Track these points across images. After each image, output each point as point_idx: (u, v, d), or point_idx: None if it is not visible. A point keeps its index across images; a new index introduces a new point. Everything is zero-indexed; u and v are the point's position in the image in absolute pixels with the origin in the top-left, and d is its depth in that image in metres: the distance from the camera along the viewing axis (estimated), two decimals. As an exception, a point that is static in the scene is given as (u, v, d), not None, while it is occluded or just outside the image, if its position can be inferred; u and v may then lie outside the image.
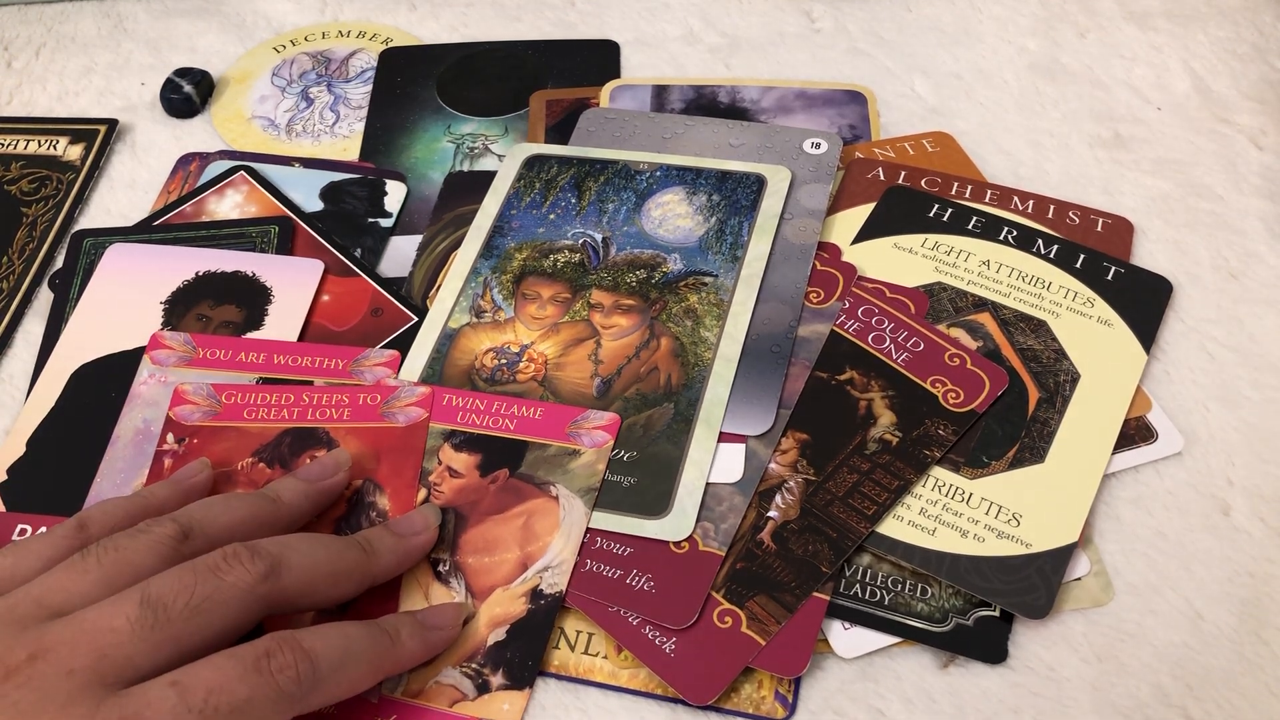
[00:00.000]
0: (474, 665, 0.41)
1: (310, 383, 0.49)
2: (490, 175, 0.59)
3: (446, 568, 0.43)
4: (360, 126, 0.63)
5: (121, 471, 0.46)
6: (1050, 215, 0.56)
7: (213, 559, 0.36)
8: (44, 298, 0.56)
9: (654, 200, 0.56)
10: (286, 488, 0.42)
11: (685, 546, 0.44)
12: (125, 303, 0.53)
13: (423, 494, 0.45)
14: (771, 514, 0.45)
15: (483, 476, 0.45)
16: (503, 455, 0.46)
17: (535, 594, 0.42)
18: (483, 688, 0.40)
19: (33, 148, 0.63)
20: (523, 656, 0.41)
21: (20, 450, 0.48)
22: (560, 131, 0.62)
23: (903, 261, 0.54)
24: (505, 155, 0.60)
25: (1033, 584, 0.43)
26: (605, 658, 0.43)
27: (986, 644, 0.43)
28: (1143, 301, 0.53)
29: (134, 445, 0.47)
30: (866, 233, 0.55)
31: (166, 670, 0.33)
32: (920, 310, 0.52)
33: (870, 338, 0.50)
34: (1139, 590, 0.44)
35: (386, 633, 0.38)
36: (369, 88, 0.66)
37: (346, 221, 0.58)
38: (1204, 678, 0.42)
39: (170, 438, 0.47)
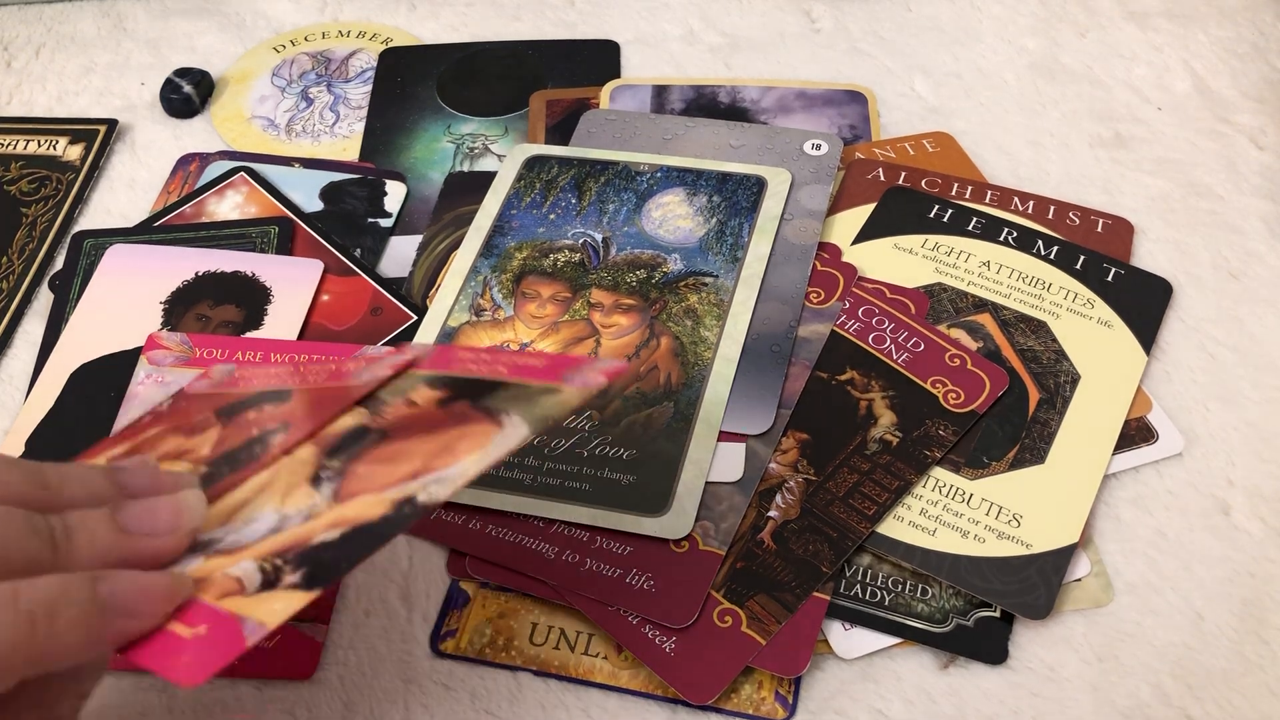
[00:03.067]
0: (276, 560, 0.32)
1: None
2: (490, 175, 0.59)
3: (329, 474, 0.35)
4: (360, 126, 0.63)
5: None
6: (1050, 216, 0.56)
7: None
8: (44, 298, 0.56)
9: (654, 201, 0.56)
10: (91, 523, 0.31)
11: (685, 546, 0.44)
12: (125, 303, 0.53)
13: (364, 415, 0.38)
14: (772, 513, 0.45)
15: (438, 408, 0.38)
16: (472, 391, 0.38)
17: (403, 501, 0.33)
18: (267, 584, 0.31)
19: (32, 148, 0.63)
20: (336, 559, 0.32)
21: (20, 450, 0.48)
22: (560, 131, 0.62)
23: (903, 262, 0.54)
24: (505, 155, 0.60)
25: (1033, 584, 0.43)
26: (605, 658, 0.43)
27: (987, 644, 0.43)
28: (1143, 302, 0.53)
29: None
30: (867, 233, 0.55)
31: None
32: (920, 311, 0.52)
33: (870, 338, 0.50)
34: (1139, 590, 0.44)
35: (29, 617, 0.27)
36: (369, 88, 0.66)
37: (346, 221, 0.58)
38: (1204, 678, 0.42)
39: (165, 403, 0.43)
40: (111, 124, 0.64)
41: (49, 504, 0.31)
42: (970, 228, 0.55)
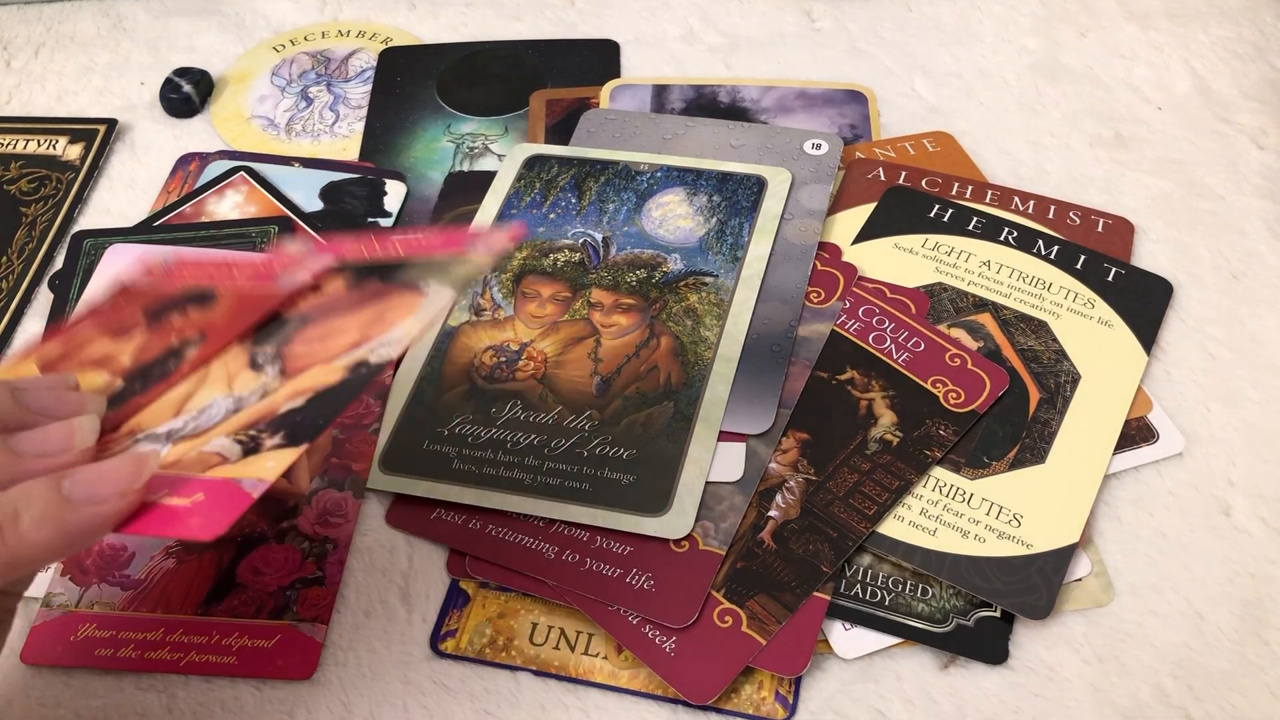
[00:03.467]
0: (249, 431, 0.33)
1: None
2: (490, 175, 0.59)
3: (266, 358, 0.36)
4: (360, 126, 0.63)
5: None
6: (1051, 216, 0.56)
7: None
8: (44, 298, 0.56)
9: (654, 201, 0.56)
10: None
11: (685, 545, 0.44)
12: (124, 302, 0.53)
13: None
14: (772, 513, 0.45)
15: (349, 291, 0.39)
16: (379, 272, 0.39)
17: (357, 365, 0.34)
18: (251, 449, 0.32)
19: (32, 147, 0.63)
20: (313, 418, 0.33)
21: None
22: (560, 131, 0.61)
23: (903, 262, 0.54)
24: (505, 155, 0.60)
25: (1033, 584, 0.43)
26: (605, 658, 0.43)
27: (987, 644, 0.43)
28: (1143, 302, 0.53)
29: None
30: (867, 233, 0.55)
31: None
32: (921, 310, 0.52)
33: (871, 338, 0.50)
34: (1139, 590, 0.44)
35: None
36: (369, 87, 0.66)
37: (346, 221, 0.58)
38: (1205, 678, 0.42)
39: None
40: (111, 124, 0.64)
41: None
42: (970, 227, 0.55)
